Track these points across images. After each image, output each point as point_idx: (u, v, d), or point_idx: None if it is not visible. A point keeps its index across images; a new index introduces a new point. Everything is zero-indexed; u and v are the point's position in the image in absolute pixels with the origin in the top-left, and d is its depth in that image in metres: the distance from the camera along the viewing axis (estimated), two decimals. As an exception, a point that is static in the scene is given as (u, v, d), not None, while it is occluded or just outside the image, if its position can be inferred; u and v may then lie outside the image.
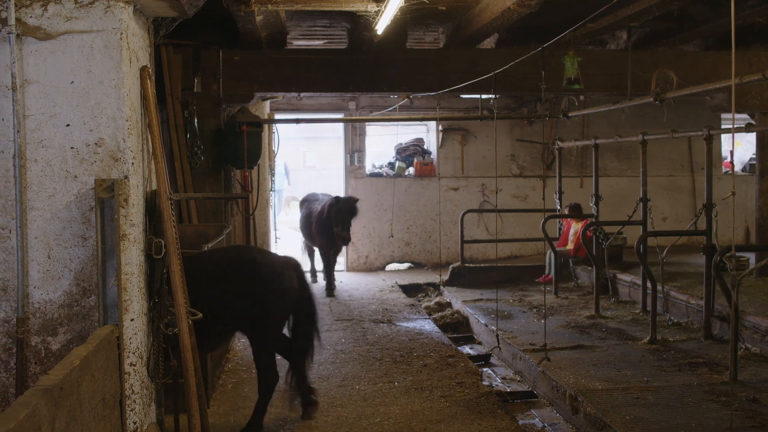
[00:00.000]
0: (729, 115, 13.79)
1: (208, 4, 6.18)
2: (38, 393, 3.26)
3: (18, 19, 4.73)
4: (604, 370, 7.87)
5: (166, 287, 5.23)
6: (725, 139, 16.70)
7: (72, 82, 4.82)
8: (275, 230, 14.38)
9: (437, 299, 12.83)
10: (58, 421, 3.39)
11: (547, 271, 13.03)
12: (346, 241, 12.55)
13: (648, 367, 7.96)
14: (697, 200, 15.80)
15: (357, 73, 10.59)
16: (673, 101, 8.81)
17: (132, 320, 4.90)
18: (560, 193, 12.91)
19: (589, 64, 10.10)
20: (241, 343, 9.32)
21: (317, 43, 12.02)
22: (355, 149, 16.01)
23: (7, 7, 4.70)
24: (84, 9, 4.82)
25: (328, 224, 12.56)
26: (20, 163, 4.73)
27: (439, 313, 11.80)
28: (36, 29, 4.78)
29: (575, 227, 12.67)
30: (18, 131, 4.71)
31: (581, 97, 12.87)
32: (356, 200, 12.69)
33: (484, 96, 12.63)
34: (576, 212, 12.51)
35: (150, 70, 5.40)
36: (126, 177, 4.84)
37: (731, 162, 17.17)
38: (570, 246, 12.72)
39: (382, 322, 10.59)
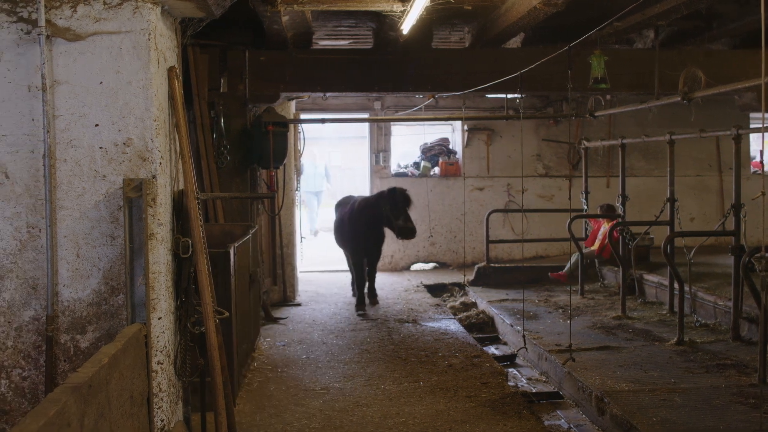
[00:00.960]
0: (758, 115, 13.66)
1: (235, 4, 6.21)
2: (68, 390, 3.29)
3: (48, 21, 4.79)
4: (630, 371, 7.81)
5: (193, 286, 5.26)
6: (754, 138, 16.57)
7: (101, 82, 4.86)
8: (301, 229, 14.39)
9: (462, 299, 12.79)
10: (87, 418, 3.43)
11: (566, 269, 12.79)
12: (414, 231, 11.31)
13: (675, 368, 7.90)
14: (725, 200, 15.63)
15: (382, 73, 10.59)
16: (701, 100, 8.73)
17: (159, 319, 4.94)
18: (586, 193, 12.83)
19: (615, 64, 10.04)
20: (267, 342, 9.37)
21: (343, 43, 12.05)
22: (380, 149, 16.02)
23: (37, 9, 4.75)
24: (112, 10, 4.86)
25: (362, 223, 11.51)
26: (50, 162, 4.78)
27: (465, 313, 11.77)
28: (65, 30, 4.84)
29: (605, 227, 12.57)
30: (48, 131, 4.77)
31: (608, 97, 12.77)
32: (406, 189, 11.52)
33: (509, 95, 12.59)
34: (609, 213, 12.39)
35: (177, 71, 5.44)
36: (154, 177, 4.88)
37: (760, 162, 17.00)
38: (595, 246, 12.63)
39: (407, 322, 10.59)
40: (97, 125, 4.86)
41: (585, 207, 12.78)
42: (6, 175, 4.84)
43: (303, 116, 13.97)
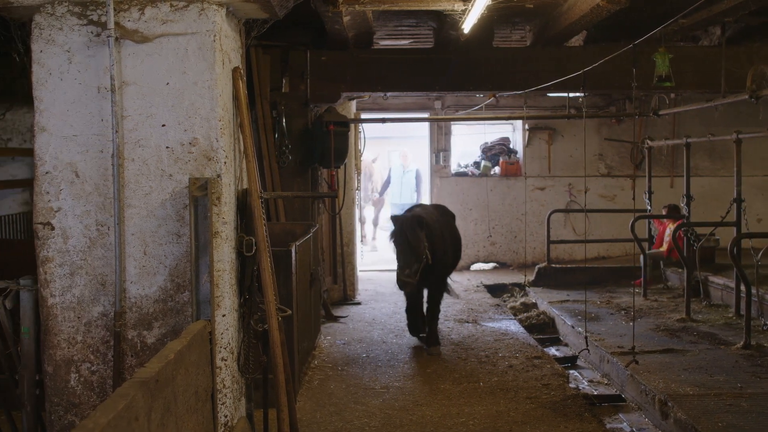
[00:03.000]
0: (829, 113, 13.29)
1: (297, 5, 6.27)
2: (136, 385, 3.36)
3: (116, 23, 4.89)
4: (695, 375, 7.67)
5: (257, 284, 5.32)
6: (825, 137, 16.06)
7: (167, 83, 4.95)
8: (361, 229, 14.42)
9: (523, 300, 12.71)
10: (154, 412, 3.49)
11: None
12: (402, 285, 8.67)
13: (742, 372, 7.73)
14: (794, 201, 15.26)
15: (443, 72, 10.57)
16: (769, 99, 8.54)
17: (224, 316, 5.01)
18: (650, 193, 12.63)
19: (680, 61, 9.85)
20: (327, 341, 9.43)
21: (403, 43, 12.06)
22: (440, 148, 16.01)
23: (106, 12, 4.85)
24: (179, 12, 4.94)
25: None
26: (118, 162, 4.88)
27: (525, 314, 11.70)
28: (133, 32, 4.93)
29: (670, 228, 12.34)
30: (116, 131, 4.87)
31: (672, 95, 12.56)
32: (418, 218, 8.73)
33: (571, 94, 12.45)
34: (674, 213, 12.14)
35: (241, 71, 5.51)
36: (219, 176, 4.95)
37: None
38: (663, 248, 12.40)
39: (467, 322, 10.56)
40: (164, 125, 4.95)
41: (648, 207, 12.57)
42: (76, 174, 4.95)
43: (363, 116, 14.02)
